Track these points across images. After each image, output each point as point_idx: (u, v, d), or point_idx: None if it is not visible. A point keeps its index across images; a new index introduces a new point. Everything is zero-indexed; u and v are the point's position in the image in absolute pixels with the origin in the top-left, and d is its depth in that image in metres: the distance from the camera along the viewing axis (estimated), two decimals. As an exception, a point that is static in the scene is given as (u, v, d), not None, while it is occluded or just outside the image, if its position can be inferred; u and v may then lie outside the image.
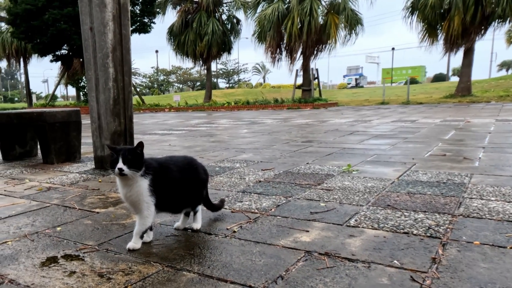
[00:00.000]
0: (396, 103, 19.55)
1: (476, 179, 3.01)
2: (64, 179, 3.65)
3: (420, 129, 7.00)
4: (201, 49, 25.10)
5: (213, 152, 5.08)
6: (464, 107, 14.38)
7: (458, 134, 6.09)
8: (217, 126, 9.86)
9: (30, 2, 21.50)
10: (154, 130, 9.08)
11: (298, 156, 4.46)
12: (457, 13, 17.69)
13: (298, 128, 8.18)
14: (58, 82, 32.39)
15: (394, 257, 1.68)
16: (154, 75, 77.00)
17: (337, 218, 2.22)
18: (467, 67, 20.07)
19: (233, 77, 78.45)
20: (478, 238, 1.85)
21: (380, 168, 3.62)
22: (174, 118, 14.32)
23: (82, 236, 2.11)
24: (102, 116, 4.02)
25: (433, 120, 9.03)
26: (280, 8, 20.44)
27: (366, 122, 9.13)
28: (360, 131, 7.14)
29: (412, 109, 14.22)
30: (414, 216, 2.19)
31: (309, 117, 12.21)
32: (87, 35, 3.97)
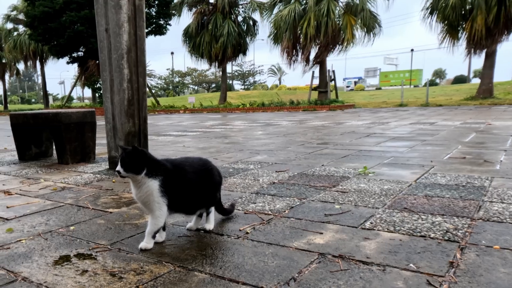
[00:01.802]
0: (415, 105, 19.33)
1: (497, 183, 2.96)
2: (79, 179, 3.70)
3: (439, 132, 6.90)
4: (217, 51, 25.23)
5: (227, 153, 5.09)
6: (485, 109, 14.14)
7: (478, 136, 5.99)
8: (232, 127, 9.88)
9: (48, 4, 21.93)
10: (168, 131, 9.14)
11: (313, 158, 4.44)
12: (480, 14, 17.40)
13: (313, 130, 8.15)
14: (74, 83, 32.90)
15: (410, 260, 1.66)
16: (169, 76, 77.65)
17: (352, 221, 2.20)
18: (489, 69, 19.74)
19: (249, 79, 78.61)
20: (498, 242, 1.81)
21: (397, 170, 3.58)
22: (189, 120, 14.41)
23: (95, 236, 2.13)
24: (117, 117, 4.06)
25: (453, 122, 8.90)
26: (296, 9, 20.43)
27: (383, 124, 9.05)
28: (377, 133, 7.07)
29: (432, 111, 14.04)
30: (432, 220, 2.16)
31: (325, 119, 12.15)
32: (102, 36, 4.02)
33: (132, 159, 1.84)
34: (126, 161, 1.83)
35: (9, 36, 33.78)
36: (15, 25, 33.96)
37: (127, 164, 1.83)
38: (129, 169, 1.83)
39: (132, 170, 1.84)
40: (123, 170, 1.83)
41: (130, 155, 1.85)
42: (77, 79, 29.78)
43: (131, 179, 1.89)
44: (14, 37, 33.47)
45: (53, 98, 50.75)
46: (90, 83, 27.12)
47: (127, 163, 1.83)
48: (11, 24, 34.06)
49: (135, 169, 1.84)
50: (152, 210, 1.90)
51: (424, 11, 19.97)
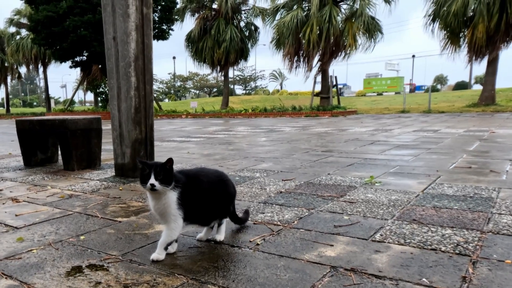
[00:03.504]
0: (417, 111, 19.35)
1: (505, 194, 2.96)
2: (85, 186, 3.71)
3: (443, 140, 6.91)
4: (219, 56, 25.34)
5: (232, 160, 5.10)
6: (488, 116, 14.15)
7: (483, 145, 5.99)
8: (235, 133, 9.89)
9: (52, 9, 22.04)
10: (172, 137, 9.16)
11: (319, 166, 4.45)
12: (481, 21, 17.47)
13: (317, 137, 8.16)
14: (77, 87, 33.01)
15: (422, 274, 1.66)
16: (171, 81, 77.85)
17: (362, 232, 2.20)
18: (491, 76, 19.77)
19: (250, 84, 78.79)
20: (510, 256, 1.81)
21: (403, 180, 3.59)
22: (192, 125, 14.43)
23: (105, 246, 2.13)
24: (124, 124, 4.08)
25: (456, 130, 8.91)
26: (299, 15, 20.52)
27: (387, 132, 9.06)
28: (381, 140, 7.08)
29: (434, 118, 14.06)
30: (442, 232, 2.16)
31: (328, 125, 12.16)
32: (110, 44, 4.05)
33: (166, 171, 1.85)
34: (160, 174, 1.83)
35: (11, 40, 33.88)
36: (18, 29, 34.08)
37: (161, 177, 1.83)
38: (163, 182, 1.83)
39: (165, 182, 1.84)
40: (159, 183, 1.82)
41: (164, 167, 1.85)
42: (80, 83, 29.88)
43: (150, 192, 1.88)
44: (17, 41, 33.58)
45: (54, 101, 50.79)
46: (92, 88, 27.17)
47: (161, 176, 1.83)
48: (14, 28, 34.19)
49: (168, 181, 1.85)
50: (168, 222, 1.91)
51: (426, 18, 20.08)
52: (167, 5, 24.81)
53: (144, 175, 1.84)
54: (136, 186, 3.67)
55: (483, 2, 17.20)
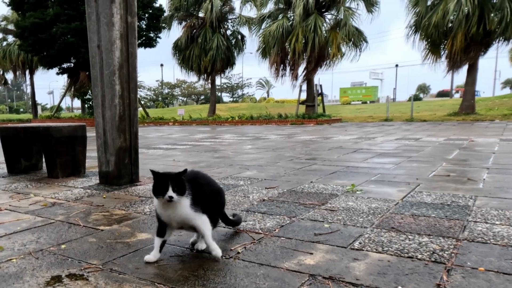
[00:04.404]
0: (400, 120, 19.58)
1: (481, 202, 3.01)
2: (69, 194, 3.66)
3: (424, 148, 7.00)
4: (206, 64, 25.37)
5: (217, 168, 5.10)
6: (468, 125, 14.38)
7: (462, 153, 6.08)
8: (221, 141, 9.88)
9: (39, 16, 21.86)
10: (158, 145, 9.11)
11: (302, 174, 4.47)
12: (460, 31, 17.83)
13: (302, 145, 8.20)
14: (64, 94, 32.65)
15: (398, 282, 1.68)
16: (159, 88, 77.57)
17: (341, 240, 2.22)
18: (471, 85, 20.14)
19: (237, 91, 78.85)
20: (483, 264, 1.84)
21: (384, 188, 3.62)
22: (179, 132, 14.38)
23: (86, 255, 2.11)
24: (108, 132, 4.05)
25: (437, 138, 9.03)
26: (284, 24, 20.66)
27: (370, 140, 9.14)
28: (364, 148, 7.14)
29: (416, 127, 14.23)
30: (419, 240, 2.19)
31: (313, 133, 12.23)
32: (94, 52, 4.03)
33: (182, 182, 1.87)
34: (177, 185, 1.84)
35: (-2, 46, 33.46)
36: (5, 35, 33.66)
37: (178, 188, 1.85)
38: (180, 193, 1.85)
39: (181, 193, 1.86)
40: (176, 195, 1.84)
41: (180, 178, 1.87)
42: (67, 90, 29.56)
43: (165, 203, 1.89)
44: (4, 47, 33.16)
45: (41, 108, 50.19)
46: (80, 94, 26.95)
47: (178, 187, 1.85)
48: (1, 34, 33.76)
49: (183, 191, 1.87)
50: (195, 224, 1.95)
51: (408, 29, 20.39)
52: (155, 13, 24.81)
53: (159, 186, 1.85)
54: (120, 194, 3.64)
55: (462, 13, 17.54)
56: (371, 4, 20.32)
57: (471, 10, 17.47)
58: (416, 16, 19.88)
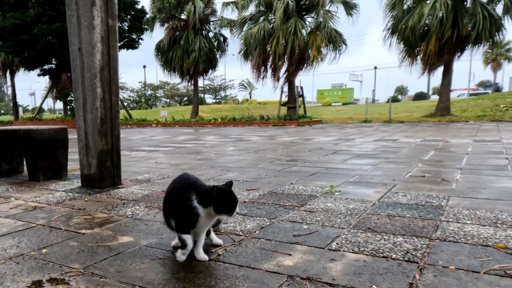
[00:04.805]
0: (379, 121, 19.83)
1: (453, 202, 3.08)
2: (50, 197, 3.62)
3: (401, 149, 7.12)
4: (188, 66, 25.28)
5: (199, 170, 5.09)
6: (443, 126, 14.66)
7: (437, 154, 6.21)
8: (204, 143, 9.87)
9: (19, 17, 21.44)
10: (141, 146, 9.04)
11: (283, 176, 4.50)
12: (435, 35, 18.19)
13: (283, 146, 8.24)
14: (46, 96, 32.11)
15: (373, 282, 1.72)
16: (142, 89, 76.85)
17: (319, 241, 2.25)
18: (446, 87, 20.52)
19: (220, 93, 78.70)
20: (453, 263, 1.90)
21: (362, 189, 3.68)
22: (162, 134, 14.29)
23: (67, 259, 2.09)
24: (89, 135, 4.01)
25: (413, 139, 9.19)
26: (265, 27, 20.74)
27: (349, 141, 9.24)
28: (344, 150, 7.23)
29: (394, 128, 14.44)
30: (393, 240, 2.24)
31: (294, 134, 12.30)
32: (75, 55, 3.99)
33: None
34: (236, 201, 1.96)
35: (-23, 47, 32.67)
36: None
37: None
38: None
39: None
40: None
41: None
42: (48, 91, 29.06)
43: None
44: (-17, 48, 32.41)
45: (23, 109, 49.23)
46: (62, 96, 26.54)
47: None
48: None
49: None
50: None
51: (386, 32, 20.67)
52: (137, 15, 24.61)
53: (231, 204, 1.92)
54: (102, 197, 3.61)
55: (437, 18, 17.89)
56: (350, 7, 20.56)
57: (445, 15, 17.83)
58: (393, 20, 20.17)
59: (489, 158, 5.59)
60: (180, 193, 1.99)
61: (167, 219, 2.09)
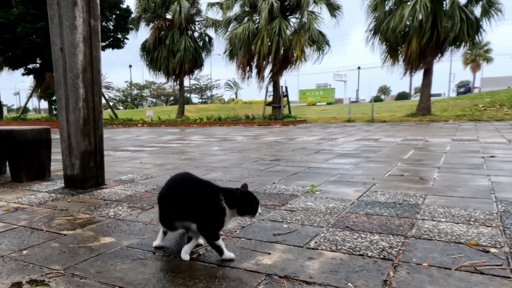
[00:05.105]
0: (362, 120, 20.01)
1: (430, 200, 3.14)
2: (33, 198, 3.58)
3: (382, 148, 7.20)
4: (174, 65, 25.13)
5: (183, 170, 5.08)
6: (424, 126, 14.87)
7: (417, 153, 6.30)
8: (189, 142, 9.84)
9: (3, 15, 21.06)
10: (126, 146, 8.98)
11: (266, 175, 4.52)
12: (415, 37, 18.45)
13: (267, 146, 8.27)
14: (30, 95, 31.53)
15: (348, 279, 1.74)
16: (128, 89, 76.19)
17: (298, 240, 2.27)
18: (427, 88, 20.81)
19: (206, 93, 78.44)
20: (427, 260, 1.94)
21: (342, 188, 3.72)
22: (147, 134, 14.19)
23: (48, 260, 2.08)
24: (72, 135, 3.97)
25: (394, 139, 9.30)
26: (250, 27, 20.75)
27: (332, 140, 9.32)
28: (326, 149, 7.28)
29: (376, 127, 14.60)
30: (370, 238, 2.27)
31: (279, 134, 12.35)
32: (57, 55, 3.95)
33: None
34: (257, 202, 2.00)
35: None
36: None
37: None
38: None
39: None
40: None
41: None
42: (33, 91, 28.62)
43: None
44: (-34, 47, 31.72)
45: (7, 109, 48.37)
46: (46, 96, 26.16)
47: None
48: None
49: None
50: None
51: (368, 33, 20.87)
52: (122, 14, 24.40)
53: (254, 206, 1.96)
54: (85, 197, 3.58)
55: (416, 20, 18.14)
56: (334, 9, 20.69)
57: (425, 17, 18.09)
58: (375, 21, 20.36)
59: (466, 157, 5.70)
60: (205, 194, 1.97)
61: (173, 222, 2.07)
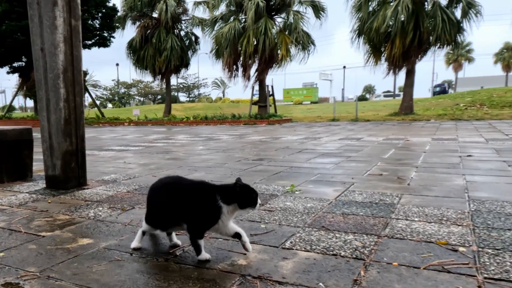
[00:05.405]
0: (346, 120, 20.15)
1: (405, 200, 3.19)
2: (13, 199, 3.53)
3: (363, 148, 7.27)
4: (160, 64, 24.99)
5: (167, 170, 5.07)
6: (406, 125, 15.04)
7: (397, 153, 6.38)
8: (175, 142, 9.80)
9: (-14, 13, 20.67)
10: (111, 146, 8.91)
11: (248, 175, 4.53)
12: (398, 37, 18.66)
13: (251, 146, 8.28)
14: (15, 93, 31.01)
15: (320, 279, 1.77)
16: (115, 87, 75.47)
17: (274, 240, 2.29)
18: (409, 87, 21.05)
19: (193, 91, 78.14)
20: (397, 259, 1.97)
21: (321, 188, 3.75)
22: (133, 133, 14.09)
23: (25, 262, 2.06)
24: (54, 135, 3.94)
25: (376, 138, 9.40)
26: (236, 27, 20.72)
27: (315, 140, 9.37)
28: (309, 149, 7.33)
29: (360, 127, 14.72)
30: (345, 238, 2.31)
31: (264, 133, 12.37)
32: (38, 55, 3.90)
33: None
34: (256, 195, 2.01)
35: None
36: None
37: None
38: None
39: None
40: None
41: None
42: (18, 89, 28.14)
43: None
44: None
45: (-9, 107, 47.48)
46: (32, 94, 25.76)
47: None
48: None
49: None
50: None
51: (352, 33, 21.02)
52: (108, 13, 24.17)
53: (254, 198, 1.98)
54: (66, 198, 3.55)
55: (399, 21, 18.34)
56: (318, 10, 20.79)
57: (407, 18, 18.29)
58: (359, 21, 20.52)
59: (444, 156, 5.80)
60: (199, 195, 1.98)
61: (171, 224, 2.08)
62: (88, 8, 22.62)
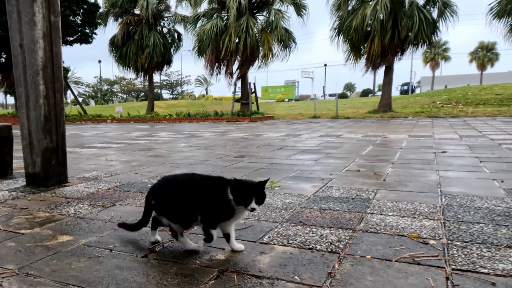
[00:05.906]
0: (327, 117, 20.32)
1: (380, 195, 3.25)
2: (-9, 197, 3.47)
3: (343, 145, 7.36)
4: (143, 61, 24.74)
5: (148, 167, 5.04)
6: (385, 122, 15.25)
7: (374, 149, 6.48)
8: (157, 139, 9.73)
9: (-36, 9, 20.07)
10: (93, 143, 8.80)
11: (229, 172, 4.55)
12: (377, 36, 18.88)
13: (233, 142, 8.29)
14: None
15: (296, 273, 1.80)
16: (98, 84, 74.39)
17: (253, 235, 2.32)
18: (388, 85, 21.34)
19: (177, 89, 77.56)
20: (370, 252, 2.02)
21: (300, 184, 3.79)
22: (115, 130, 13.93)
23: (3, 260, 2.04)
24: (33, 133, 3.87)
25: (355, 135, 9.51)
26: (218, 24, 20.65)
27: (296, 137, 9.43)
28: (290, 146, 7.37)
29: (340, 124, 14.86)
30: (321, 232, 2.34)
31: (246, 130, 12.38)
32: (17, 52, 3.83)
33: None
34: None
35: None
36: None
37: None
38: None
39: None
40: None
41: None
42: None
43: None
44: None
45: (-29, 104, 46.23)
46: (12, 91, 25.16)
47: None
48: None
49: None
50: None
51: (332, 31, 21.16)
52: (90, 9, 23.77)
53: (243, 196, 1.85)
54: (46, 195, 3.50)
55: (377, 20, 18.56)
56: (300, 8, 20.87)
57: (385, 17, 18.52)
58: (339, 20, 20.67)
59: (419, 152, 5.91)
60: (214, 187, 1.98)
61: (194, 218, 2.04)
62: (69, 4, 22.19)
